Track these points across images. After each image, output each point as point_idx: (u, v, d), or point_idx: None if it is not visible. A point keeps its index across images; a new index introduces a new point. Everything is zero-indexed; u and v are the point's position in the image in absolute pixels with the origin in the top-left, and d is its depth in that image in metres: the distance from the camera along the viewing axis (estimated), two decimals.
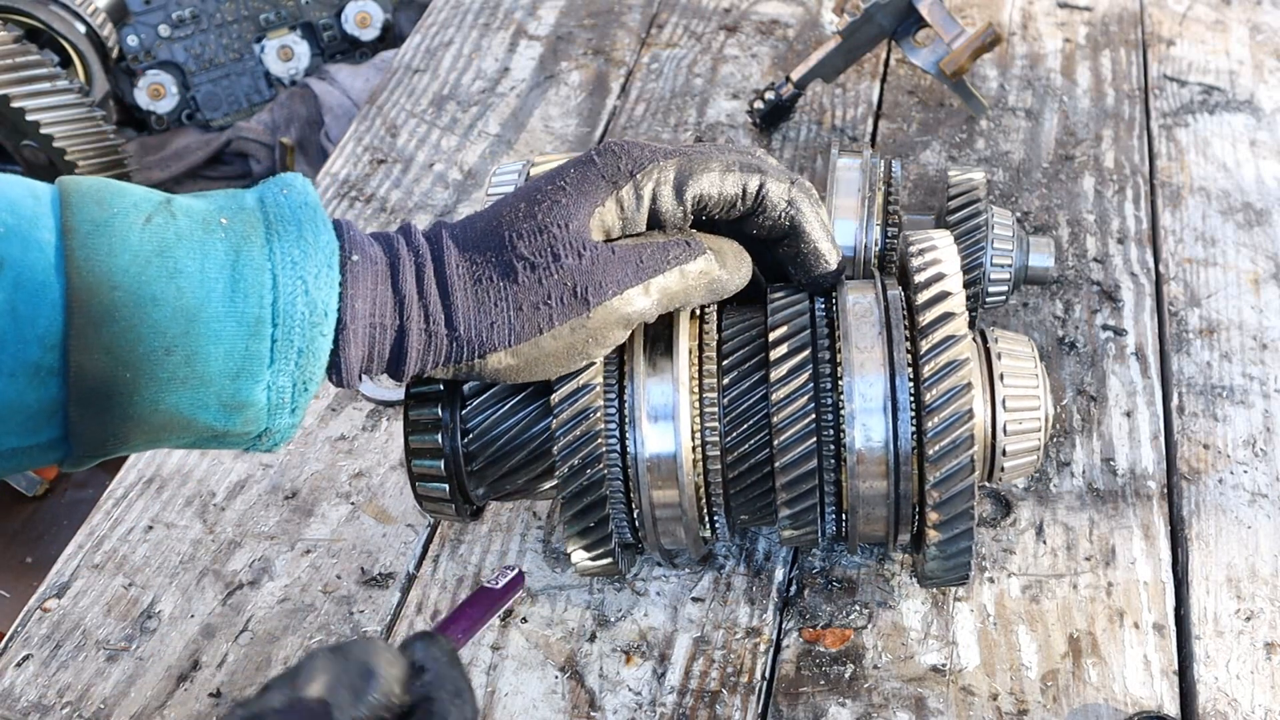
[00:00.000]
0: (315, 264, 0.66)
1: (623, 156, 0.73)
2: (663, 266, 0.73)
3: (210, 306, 0.64)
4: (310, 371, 0.67)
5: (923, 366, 0.72)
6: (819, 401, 0.74)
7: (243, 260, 0.65)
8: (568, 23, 1.49)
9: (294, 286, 0.65)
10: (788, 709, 0.82)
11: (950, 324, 0.73)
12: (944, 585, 0.82)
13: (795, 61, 1.38)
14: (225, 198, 0.68)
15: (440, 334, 0.70)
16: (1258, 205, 1.18)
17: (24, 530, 1.60)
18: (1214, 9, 1.44)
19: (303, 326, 0.65)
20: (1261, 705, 0.81)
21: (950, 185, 0.95)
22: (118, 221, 0.63)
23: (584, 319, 0.71)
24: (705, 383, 0.76)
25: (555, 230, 0.70)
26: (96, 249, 0.62)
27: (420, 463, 0.79)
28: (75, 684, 0.85)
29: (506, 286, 0.70)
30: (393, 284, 0.69)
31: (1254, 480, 0.95)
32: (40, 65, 1.64)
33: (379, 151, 1.31)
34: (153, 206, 0.65)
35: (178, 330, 0.63)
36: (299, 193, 0.68)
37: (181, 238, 0.64)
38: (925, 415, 0.72)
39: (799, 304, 0.77)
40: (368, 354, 0.69)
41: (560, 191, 0.72)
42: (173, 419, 0.65)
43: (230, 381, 0.65)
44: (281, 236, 0.66)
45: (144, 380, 0.63)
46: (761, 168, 0.75)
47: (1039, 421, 0.77)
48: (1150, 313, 1.08)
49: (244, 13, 2.01)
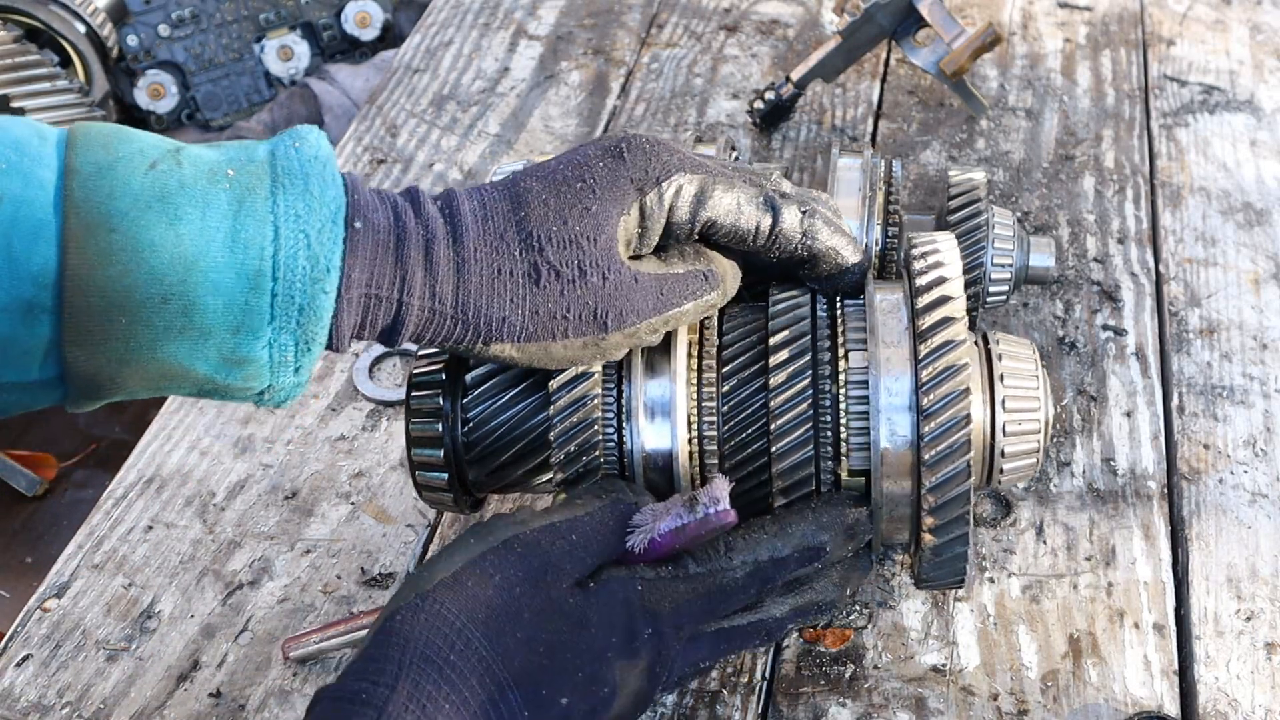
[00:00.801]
0: (319, 218, 0.65)
1: (652, 158, 0.72)
2: (681, 301, 0.73)
3: (209, 256, 0.63)
4: (313, 331, 0.66)
5: (921, 370, 0.72)
6: (817, 403, 0.74)
7: (245, 211, 0.64)
8: (568, 23, 1.49)
9: (296, 240, 0.64)
10: (788, 709, 0.82)
11: (950, 328, 0.73)
12: (940, 589, 0.82)
13: (795, 61, 1.38)
14: (237, 149, 0.67)
15: (446, 313, 0.69)
16: (1258, 205, 1.18)
17: (24, 530, 1.60)
18: (1214, 9, 1.44)
19: (304, 282, 0.64)
20: (1262, 705, 0.81)
21: (950, 185, 0.95)
22: (121, 165, 0.63)
23: (598, 339, 0.71)
24: (704, 377, 0.76)
25: (585, 244, 0.70)
26: (97, 190, 0.62)
27: (420, 451, 0.79)
28: (75, 684, 0.85)
29: (528, 287, 0.70)
30: (397, 256, 0.68)
31: (1254, 480, 0.95)
32: (40, 65, 1.64)
33: (379, 151, 1.31)
34: (159, 154, 0.64)
35: (175, 278, 0.62)
36: (311, 146, 0.67)
37: (185, 186, 0.63)
38: (923, 419, 0.72)
39: (800, 305, 0.77)
40: (360, 322, 0.68)
41: (590, 194, 0.70)
42: (171, 368, 0.65)
43: (230, 335, 0.64)
44: (287, 189, 0.65)
45: (140, 326, 0.63)
46: (775, 205, 0.74)
47: (1039, 423, 0.77)
48: (1150, 313, 1.08)
49: (244, 13, 2.01)
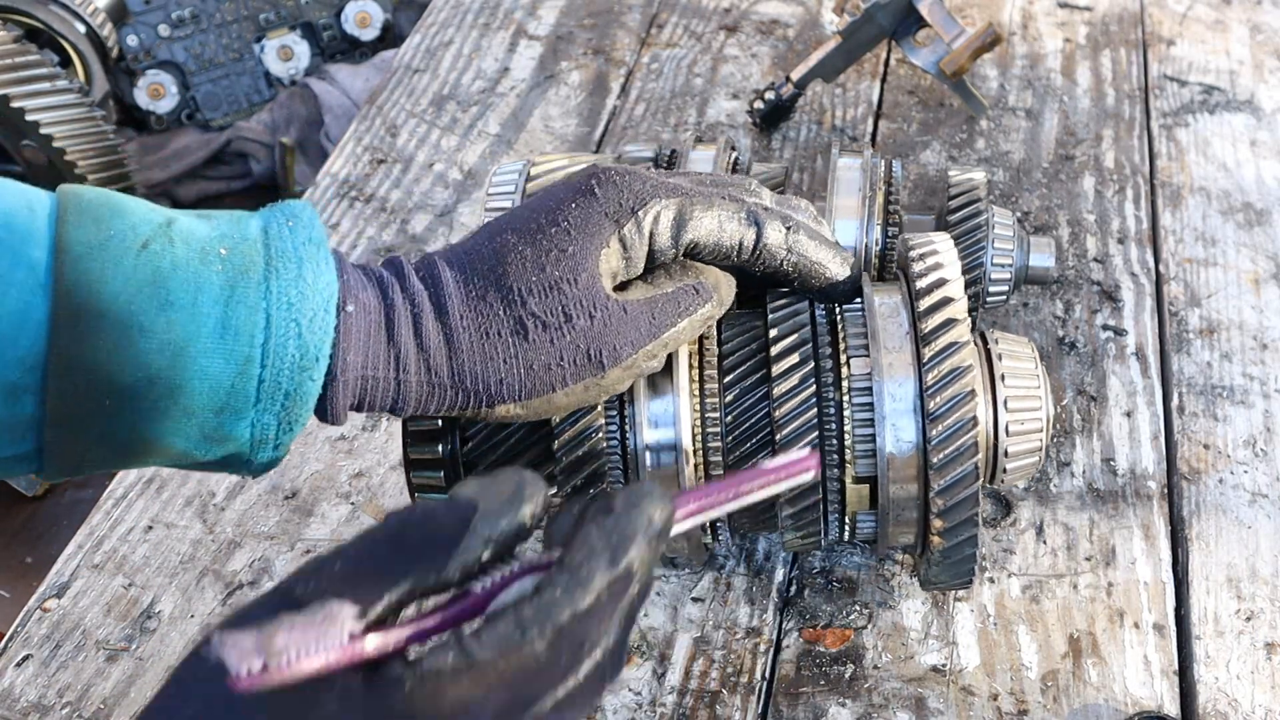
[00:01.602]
0: (312, 306, 0.64)
1: (624, 189, 0.71)
2: (674, 320, 0.71)
3: (199, 341, 0.62)
4: (296, 413, 0.65)
5: (926, 373, 0.72)
6: (822, 408, 0.74)
7: (237, 296, 0.62)
8: (568, 23, 1.49)
9: (287, 329, 0.63)
10: (788, 709, 0.82)
11: (953, 330, 0.73)
12: (947, 589, 0.82)
13: (795, 61, 1.38)
14: (229, 223, 0.66)
15: (444, 384, 0.68)
16: (1258, 205, 1.18)
17: (24, 530, 1.60)
18: (1214, 9, 1.44)
19: (291, 370, 0.63)
20: (1262, 705, 0.81)
21: (950, 185, 0.95)
22: (113, 245, 0.61)
23: (598, 379, 0.70)
24: (706, 388, 0.76)
25: (565, 287, 0.68)
26: (88, 272, 0.60)
27: (421, 474, 0.78)
28: (75, 684, 0.85)
29: (517, 344, 0.68)
30: (388, 336, 0.67)
31: (1254, 480, 0.95)
32: (40, 65, 1.64)
33: (379, 151, 1.31)
34: (152, 230, 0.63)
35: (163, 363, 0.61)
36: (305, 226, 0.66)
37: (177, 267, 0.62)
38: (929, 422, 0.72)
39: (799, 310, 0.76)
40: (358, 402, 0.67)
41: (565, 236, 0.69)
42: (151, 445, 0.63)
43: (214, 415, 0.63)
44: (280, 274, 0.64)
45: (124, 408, 0.61)
46: (759, 220, 0.73)
47: (1040, 422, 0.77)
48: (1150, 313, 1.08)
49: (244, 13, 2.01)
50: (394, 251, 1.18)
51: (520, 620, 0.51)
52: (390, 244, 1.19)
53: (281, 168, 1.94)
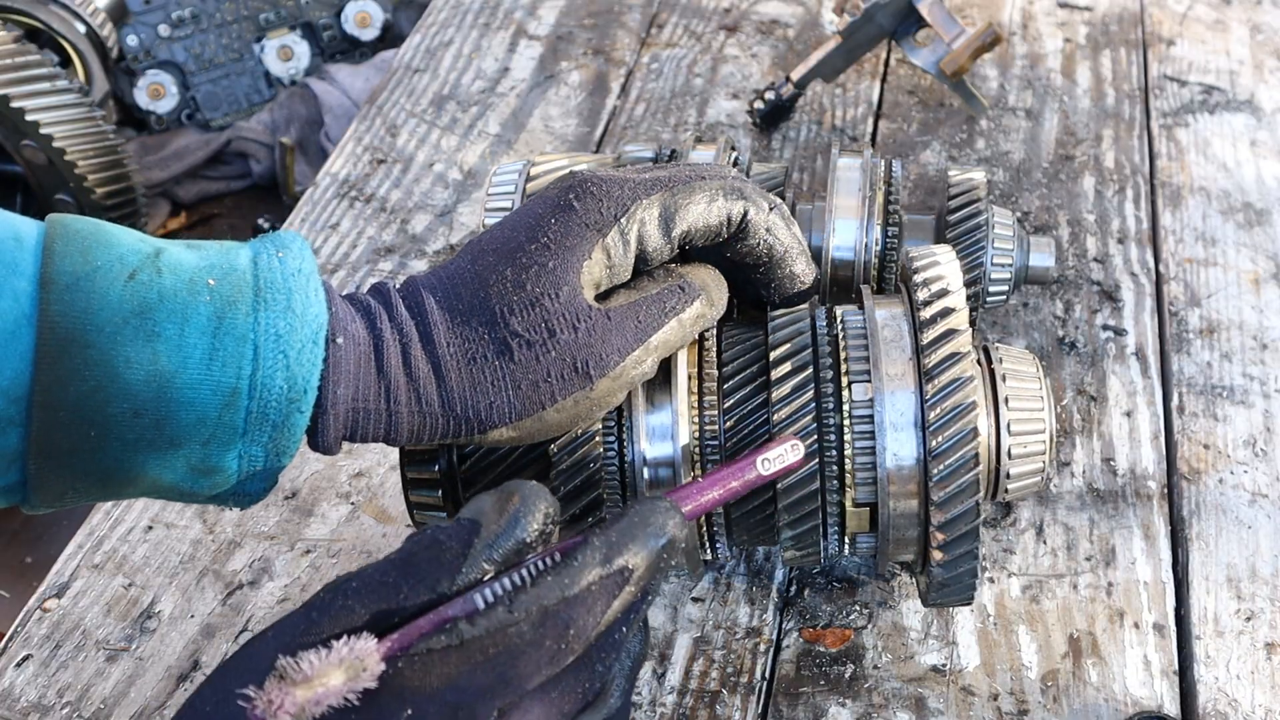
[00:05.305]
0: (300, 338, 0.63)
1: (603, 199, 0.70)
2: (661, 321, 0.71)
3: (186, 373, 0.61)
4: (284, 445, 0.64)
5: (926, 384, 0.72)
6: (821, 421, 0.74)
7: (225, 327, 0.62)
8: (568, 23, 1.49)
9: (275, 361, 0.63)
10: (788, 709, 0.82)
11: (953, 341, 0.72)
12: (949, 605, 0.81)
13: (795, 61, 1.38)
14: (218, 254, 0.65)
15: (435, 414, 0.67)
16: (1258, 205, 1.18)
17: (24, 530, 1.60)
18: (1214, 9, 1.44)
19: (279, 402, 0.63)
20: (1262, 705, 0.81)
21: (950, 185, 0.95)
22: (100, 276, 0.61)
23: (587, 391, 0.69)
24: (705, 400, 0.75)
25: (547, 303, 0.68)
26: (73, 304, 0.60)
27: (419, 493, 0.78)
28: (75, 684, 0.85)
29: (503, 365, 0.68)
30: (377, 368, 0.66)
31: (1254, 480, 0.95)
32: (40, 65, 1.64)
33: (379, 151, 1.31)
34: (139, 260, 0.62)
35: (149, 395, 0.61)
36: (295, 257, 0.65)
37: (164, 299, 0.62)
38: (929, 434, 0.71)
39: (800, 322, 0.76)
40: (350, 432, 0.67)
41: (545, 251, 0.68)
42: (137, 477, 0.63)
43: (200, 447, 0.63)
44: (269, 305, 0.63)
45: (110, 440, 0.61)
46: (744, 192, 0.73)
47: (1043, 444, 0.76)
48: (1150, 313, 1.08)
49: (244, 13, 2.01)
50: (394, 251, 1.18)
51: (510, 603, 0.54)
52: (390, 244, 1.19)
53: (281, 168, 1.94)
